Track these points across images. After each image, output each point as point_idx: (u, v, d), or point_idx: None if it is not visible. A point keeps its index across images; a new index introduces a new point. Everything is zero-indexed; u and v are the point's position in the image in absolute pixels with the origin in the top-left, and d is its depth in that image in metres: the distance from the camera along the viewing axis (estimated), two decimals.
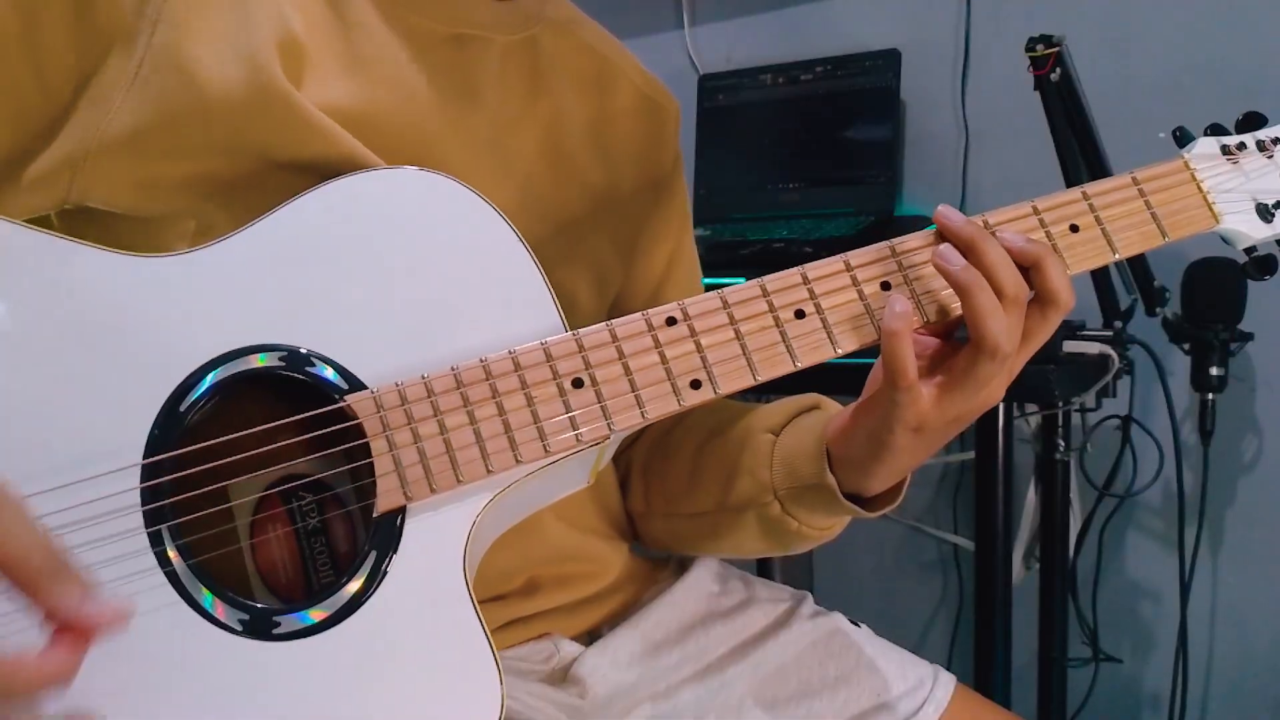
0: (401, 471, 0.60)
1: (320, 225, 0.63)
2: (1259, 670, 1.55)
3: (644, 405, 0.63)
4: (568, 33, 0.85)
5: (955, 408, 0.67)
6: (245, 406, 0.61)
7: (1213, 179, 0.73)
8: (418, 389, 0.61)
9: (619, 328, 0.64)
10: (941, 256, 0.65)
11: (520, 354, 0.62)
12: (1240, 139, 0.76)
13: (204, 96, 0.64)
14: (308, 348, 0.61)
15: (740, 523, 0.81)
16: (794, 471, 0.77)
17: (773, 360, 0.65)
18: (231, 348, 0.60)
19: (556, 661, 0.81)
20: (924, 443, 0.70)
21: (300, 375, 0.61)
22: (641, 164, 0.87)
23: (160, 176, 0.65)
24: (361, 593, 0.59)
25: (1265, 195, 0.74)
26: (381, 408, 0.60)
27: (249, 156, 0.65)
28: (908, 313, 0.65)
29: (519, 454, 0.61)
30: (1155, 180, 0.72)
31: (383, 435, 0.60)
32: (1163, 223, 0.71)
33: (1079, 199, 0.70)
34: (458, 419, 0.61)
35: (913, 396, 0.66)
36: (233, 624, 0.57)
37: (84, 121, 0.64)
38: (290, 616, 0.58)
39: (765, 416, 0.81)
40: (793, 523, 0.78)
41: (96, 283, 0.59)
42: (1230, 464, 1.53)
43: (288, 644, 0.57)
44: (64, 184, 0.64)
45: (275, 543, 0.65)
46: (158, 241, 0.65)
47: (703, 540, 0.86)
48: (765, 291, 0.66)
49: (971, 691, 0.87)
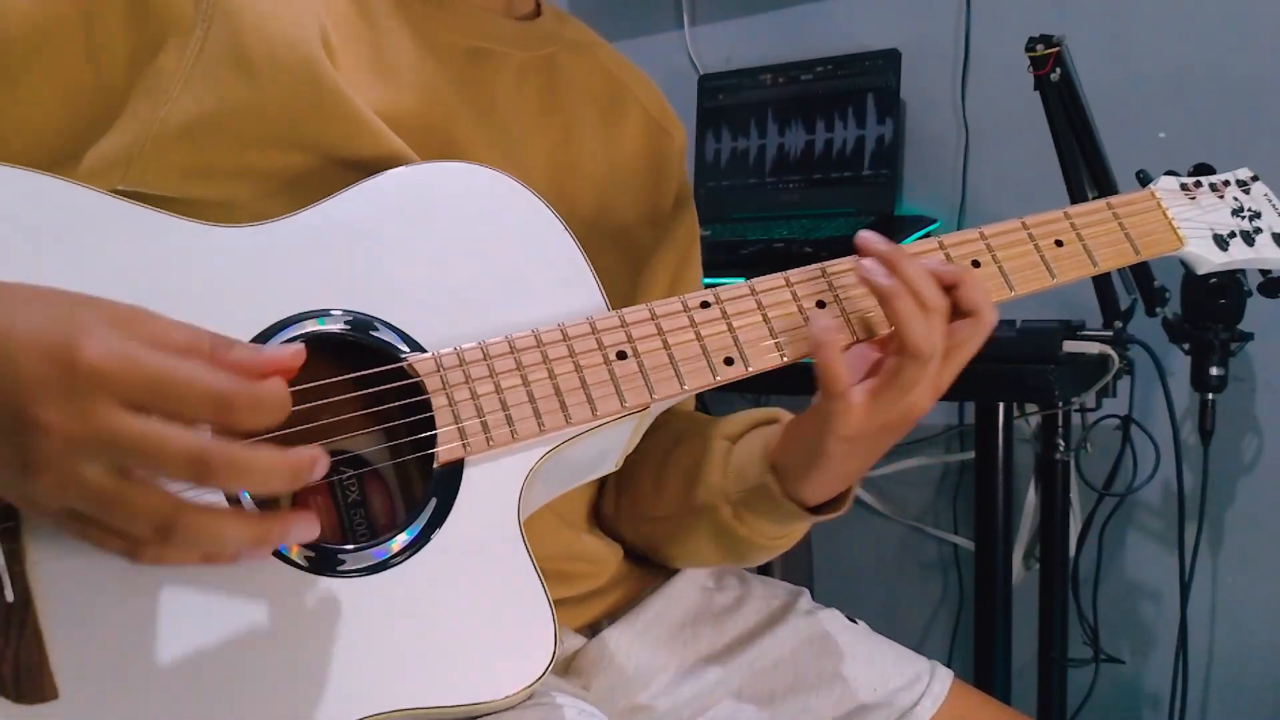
0: (461, 426, 0.64)
1: (379, 207, 0.67)
2: (1259, 670, 1.55)
3: (682, 377, 0.68)
4: (585, 54, 0.88)
5: (884, 413, 0.69)
6: (311, 376, 0.62)
7: (1175, 209, 0.84)
8: (475, 353, 0.65)
9: (658, 308, 0.69)
10: (865, 269, 0.69)
11: (569, 327, 0.67)
12: (1197, 179, 0.87)
13: (261, 90, 0.65)
14: (370, 313, 0.65)
15: (694, 528, 0.82)
16: (742, 476, 0.79)
17: (798, 343, 0.71)
18: (297, 311, 0.63)
19: (560, 654, 0.81)
20: (857, 453, 0.73)
21: (364, 338, 0.64)
22: (645, 187, 0.89)
23: (215, 166, 0.66)
24: (424, 535, 0.62)
25: (1220, 228, 0.85)
26: (442, 367, 0.64)
27: (301, 149, 0.67)
28: (837, 325, 0.70)
29: (569, 415, 0.65)
30: (1127, 206, 0.81)
31: (443, 392, 0.64)
32: (1135, 242, 0.80)
33: (1062, 218, 0.78)
34: (512, 380, 0.65)
35: (844, 405, 0.69)
36: (300, 560, 0.59)
37: (141, 112, 0.65)
38: (355, 554, 0.61)
39: (725, 425, 0.84)
40: (741, 528, 0.79)
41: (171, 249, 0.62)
42: (1230, 464, 1.53)
43: (351, 580, 0.60)
44: (120, 172, 0.65)
45: (316, 513, 0.67)
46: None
47: (663, 545, 0.87)
48: (789, 282, 0.72)
49: (968, 686, 0.88)
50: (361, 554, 0.61)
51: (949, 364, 0.70)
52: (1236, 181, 0.88)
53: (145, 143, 0.64)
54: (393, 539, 0.62)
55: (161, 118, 0.64)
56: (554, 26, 0.86)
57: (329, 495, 0.68)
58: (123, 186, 0.65)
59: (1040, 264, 0.76)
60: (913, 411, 0.70)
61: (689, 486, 0.82)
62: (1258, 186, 0.89)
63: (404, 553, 0.61)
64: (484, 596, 0.62)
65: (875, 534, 1.85)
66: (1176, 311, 1.34)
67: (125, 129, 0.65)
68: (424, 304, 0.66)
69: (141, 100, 0.65)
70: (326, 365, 0.64)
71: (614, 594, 0.87)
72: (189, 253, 0.63)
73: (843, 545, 1.88)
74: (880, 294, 0.68)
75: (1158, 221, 0.82)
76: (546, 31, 0.85)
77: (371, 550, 0.61)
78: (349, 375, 0.64)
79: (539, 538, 0.77)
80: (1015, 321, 1.25)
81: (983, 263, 0.75)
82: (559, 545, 0.81)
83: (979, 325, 0.69)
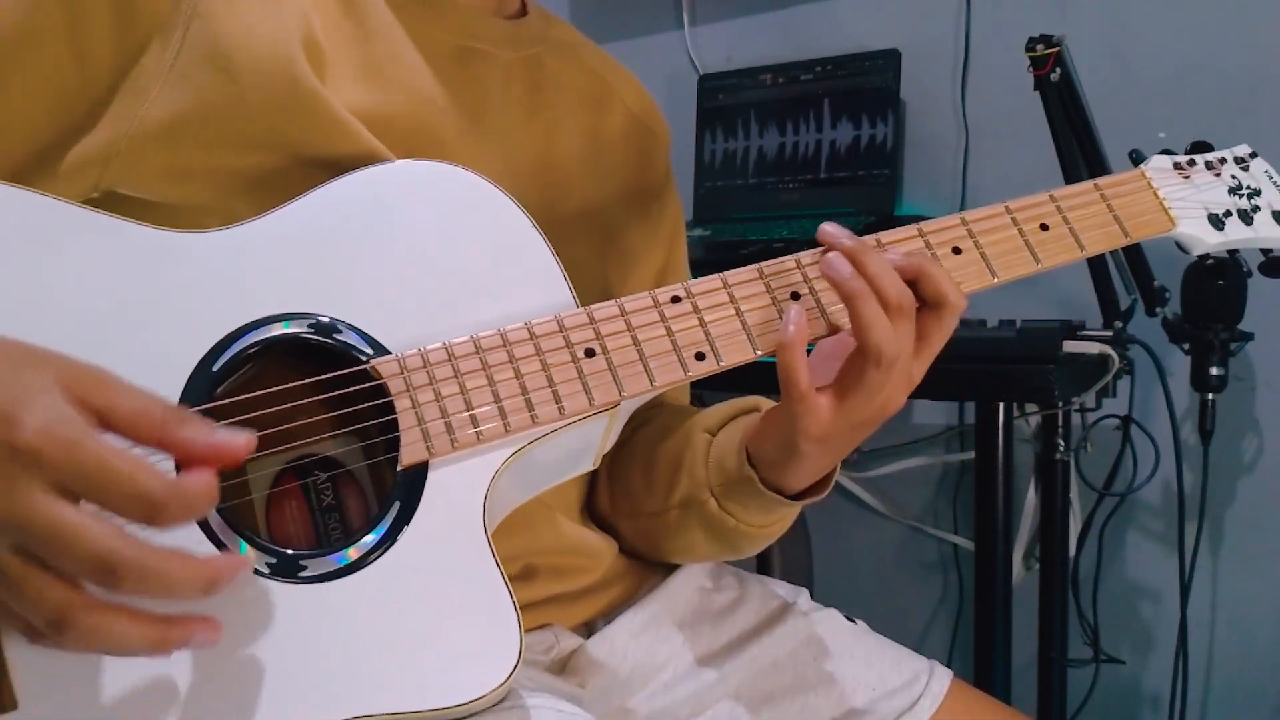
0: (424, 427, 0.63)
1: (346, 208, 0.66)
2: (1259, 670, 1.55)
3: (652, 373, 0.67)
4: (570, 54, 0.88)
5: (853, 415, 0.69)
6: (274, 380, 0.62)
7: (1167, 189, 0.80)
8: (439, 353, 0.64)
9: (627, 303, 0.68)
10: (829, 264, 0.68)
11: (535, 326, 0.66)
12: (1191, 157, 0.84)
13: (239, 90, 0.65)
14: (334, 316, 0.64)
15: (686, 522, 0.83)
16: (722, 467, 0.79)
17: (770, 337, 0.69)
18: (260, 316, 0.63)
19: (556, 652, 0.81)
20: (830, 450, 0.72)
21: (327, 341, 0.63)
22: (631, 184, 0.90)
23: (191, 167, 0.66)
24: (387, 539, 0.61)
25: (1215, 206, 0.81)
26: (405, 369, 0.64)
27: (278, 150, 0.67)
28: (801, 325, 0.68)
29: (535, 414, 0.65)
30: (1116, 187, 0.79)
31: (406, 394, 0.63)
32: (1124, 224, 0.77)
33: (1047, 201, 0.76)
34: (477, 381, 0.64)
35: (807, 406, 0.68)
36: (261, 567, 0.59)
37: (121, 111, 0.65)
38: (317, 559, 0.60)
39: (705, 418, 0.84)
40: (730, 519, 0.80)
41: (132, 255, 0.62)
42: (1230, 464, 1.53)
43: (313, 586, 0.59)
44: (97, 172, 0.65)
45: (290, 518, 0.67)
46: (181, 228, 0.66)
47: (659, 540, 0.87)
48: (762, 274, 0.71)
49: (967, 685, 0.87)
50: (322, 559, 0.60)
51: (920, 358, 0.69)
52: (1235, 159, 0.85)
53: (123, 141, 0.64)
54: (352, 544, 0.61)
55: (140, 117, 0.64)
56: (540, 26, 0.86)
57: (303, 499, 0.67)
58: (101, 186, 0.65)
59: (1024, 248, 0.74)
60: (886, 409, 0.69)
61: (675, 481, 0.82)
62: (1257, 163, 0.85)
63: (366, 557, 0.60)
64: (447, 600, 0.61)
65: (875, 534, 1.85)
66: (1176, 311, 1.34)
67: (105, 129, 0.64)
68: (390, 305, 0.65)
69: (124, 99, 0.65)
70: (295, 369, 0.63)
71: (610, 592, 0.87)
72: (150, 260, 0.62)
73: (843, 545, 1.88)
74: (843, 295, 0.67)
75: (1148, 202, 0.79)
76: (533, 32, 0.85)
77: (331, 556, 0.60)
78: (311, 379, 0.63)
79: (533, 532, 0.78)
80: (1015, 321, 1.25)
81: (964, 249, 0.73)
82: (553, 539, 0.81)
83: (946, 315, 0.69)
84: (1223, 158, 0.85)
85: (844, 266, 0.67)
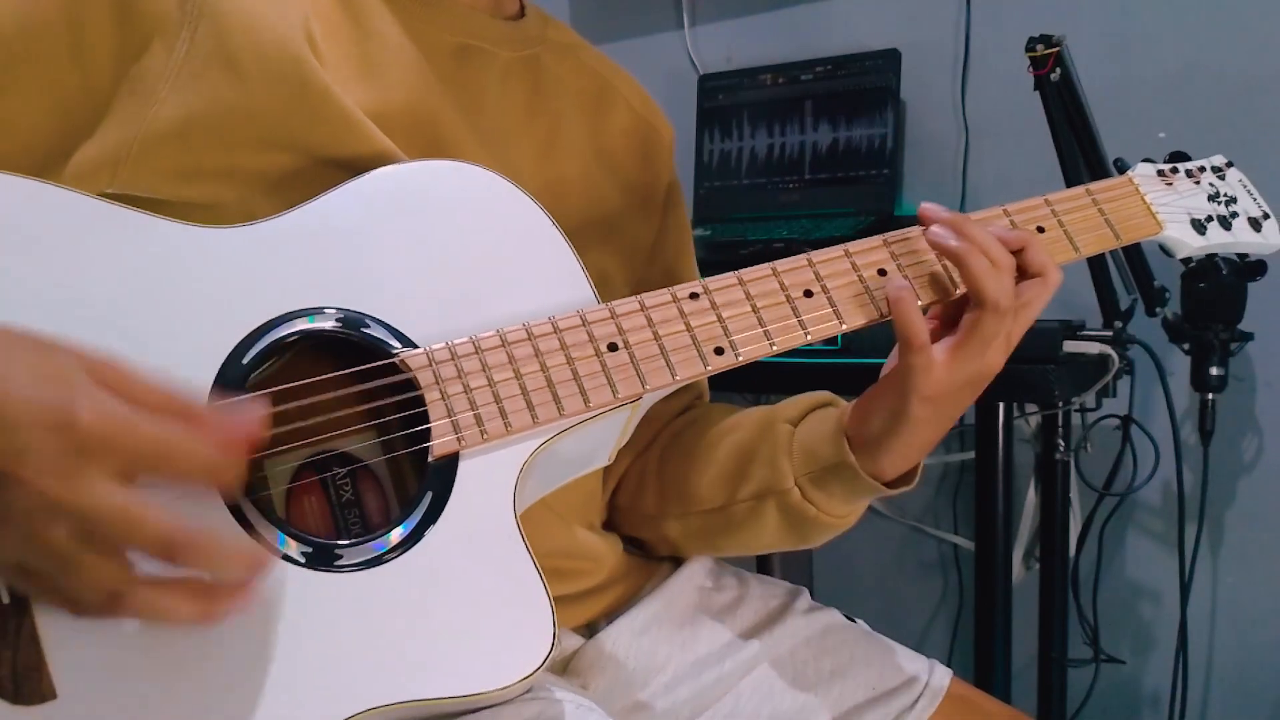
0: (455, 419, 0.64)
1: (370, 205, 0.67)
2: (1259, 670, 1.55)
3: (673, 367, 0.69)
4: (569, 55, 0.89)
5: (965, 369, 0.72)
6: (300, 374, 0.63)
7: (1153, 194, 0.85)
8: (466, 347, 0.65)
9: (647, 299, 0.70)
10: (936, 235, 0.72)
11: (559, 320, 0.68)
12: (1172, 165, 0.88)
13: (249, 90, 0.65)
14: (361, 311, 0.65)
15: (758, 513, 0.83)
16: (813, 455, 0.80)
17: (787, 331, 0.72)
18: (288, 310, 0.63)
19: (558, 653, 0.82)
20: (939, 413, 0.75)
21: (355, 335, 0.64)
22: (634, 184, 0.90)
23: (206, 167, 0.66)
24: (419, 529, 0.62)
25: (1197, 212, 0.86)
26: (434, 362, 0.65)
27: (292, 149, 0.67)
28: (908, 284, 0.72)
29: (562, 406, 0.66)
30: (1106, 192, 0.82)
31: (436, 387, 0.64)
32: (1115, 227, 0.81)
33: (1042, 205, 0.79)
34: (505, 374, 0.66)
35: (926, 359, 0.71)
36: (297, 556, 0.60)
37: (128, 113, 0.65)
38: (353, 549, 0.61)
39: (783, 410, 0.85)
40: (811, 509, 0.81)
41: (161, 249, 0.62)
42: (1230, 464, 1.53)
43: (349, 574, 0.60)
44: (107, 175, 0.65)
45: (309, 512, 0.68)
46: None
47: (716, 536, 0.87)
48: (776, 272, 0.73)
49: (967, 684, 0.88)
50: (359, 548, 0.61)
51: (1019, 322, 0.73)
52: (1212, 168, 0.90)
53: (133, 144, 0.64)
54: (389, 533, 0.62)
55: (149, 119, 0.64)
56: (538, 28, 0.86)
57: (322, 494, 0.68)
58: (111, 189, 0.64)
59: None
60: (989, 369, 0.73)
61: (748, 473, 0.83)
62: (1232, 172, 0.90)
63: (400, 547, 0.62)
64: (481, 588, 0.62)
65: (875, 534, 1.85)
66: (1176, 311, 1.34)
67: (112, 131, 0.64)
68: (415, 300, 0.66)
69: (128, 102, 0.65)
70: (319, 363, 0.64)
71: (611, 593, 0.87)
72: (179, 254, 0.62)
73: (843, 545, 1.87)
74: (953, 255, 0.71)
75: (1136, 207, 0.83)
76: (531, 32, 0.85)
77: (370, 544, 0.61)
78: (341, 372, 0.64)
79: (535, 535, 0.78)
80: None
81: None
82: (556, 542, 0.81)
83: (1046, 284, 0.73)
84: (1201, 166, 0.89)
85: (949, 232, 0.71)
